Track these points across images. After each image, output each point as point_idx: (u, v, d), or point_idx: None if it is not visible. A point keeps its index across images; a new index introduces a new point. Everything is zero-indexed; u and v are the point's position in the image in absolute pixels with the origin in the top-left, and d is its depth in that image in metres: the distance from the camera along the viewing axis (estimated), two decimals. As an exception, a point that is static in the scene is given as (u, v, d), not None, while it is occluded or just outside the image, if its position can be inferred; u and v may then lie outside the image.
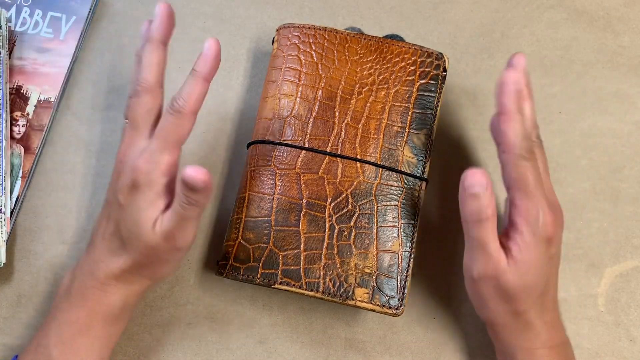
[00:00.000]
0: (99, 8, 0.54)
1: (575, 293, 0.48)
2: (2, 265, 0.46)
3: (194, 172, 0.35)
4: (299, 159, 0.45)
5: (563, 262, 0.48)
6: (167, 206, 0.38)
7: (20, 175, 0.49)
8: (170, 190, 0.38)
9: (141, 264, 0.39)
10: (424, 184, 0.45)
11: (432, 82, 0.46)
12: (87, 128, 0.51)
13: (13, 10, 0.53)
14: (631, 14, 0.55)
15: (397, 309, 0.42)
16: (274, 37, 0.49)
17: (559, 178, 0.51)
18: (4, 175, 0.47)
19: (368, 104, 0.46)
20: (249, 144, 0.47)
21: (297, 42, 0.47)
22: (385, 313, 0.42)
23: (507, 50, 0.54)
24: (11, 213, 0.48)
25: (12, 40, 0.52)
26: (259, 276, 0.43)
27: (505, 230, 0.39)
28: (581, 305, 0.48)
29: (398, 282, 0.42)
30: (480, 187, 0.36)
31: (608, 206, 0.50)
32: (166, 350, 0.47)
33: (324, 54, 0.47)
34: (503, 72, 0.37)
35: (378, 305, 0.42)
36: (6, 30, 0.51)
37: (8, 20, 0.52)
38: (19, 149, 0.49)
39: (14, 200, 0.48)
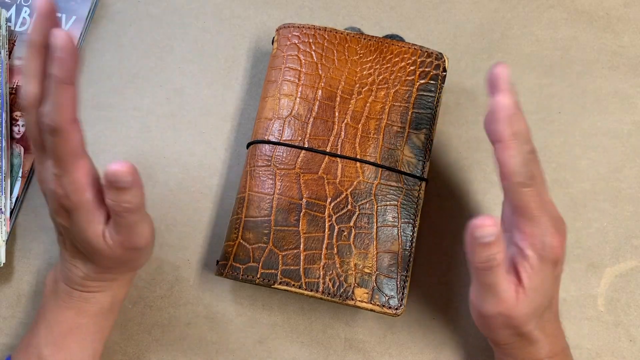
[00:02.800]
0: (99, 8, 0.54)
1: (575, 293, 0.48)
2: (2, 265, 0.46)
3: (117, 165, 0.32)
4: (299, 159, 0.45)
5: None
6: (107, 218, 0.36)
7: (20, 175, 0.49)
8: (101, 202, 0.36)
9: (111, 267, 0.39)
10: (423, 184, 0.45)
11: (431, 82, 0.46)
12: (87, 128, 0.51)
13: (13, 10, 0.53)
14: (631, 14, 0.55)
15: (396, 309, 0.42)
16: (273, 37, 0.49)
17: (558, 178, 0.51)
18: (4, 175, 0.47)
19: (368, 104, 0.46)
20: (249, 144, 0.47)
21: (297, 42, 0.47)
22: (384, 313, 0.42)
23: (507, 51, 0.54)
24: (11, 213, 0.48)
25: (12, 40, 0.52)
26: (258, 276, 0.43)
27: (511, 256, 0.37)
28: (581, 305, 0.48)
29: (398, 282, 0.42)
30: (491, 236, 0.34)
31: (608, 206, 0.50)
32: (166, 350, 0.47)
33: (323, 54, 0.47)
34: (492, 100, 0.34)
35: (378, 305, 0.42)
36: (6, 30, 0.51)
37: (8, 20, 0.52)
38: (19, 149, 0.49)
39: (14, 200, 0.48)
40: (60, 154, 0.33)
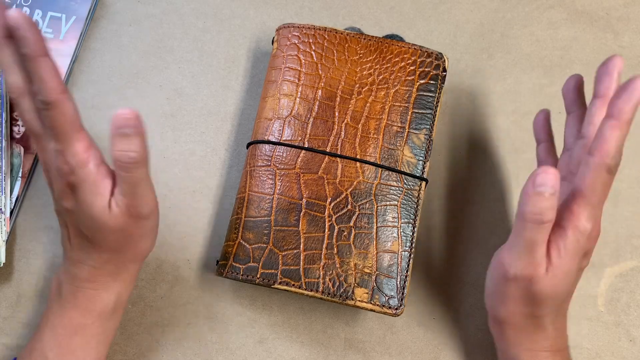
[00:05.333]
0: (99, 8, 0.54)
1: (575, 293, 0.48)
2: (2, 265, 0.46)
3: (123, 110, 0.34)
4: (299, 159, 0.45)
5: (563, 262, 0.48)
6: (112, 189, 0.37)
7: (20, 175, 0.49)
8: (105, 173, 0.36)
9: (117, 250, 0.39)
10: (423, 183, 0.45)
11: (431, 82, 0.46)
12: (87, 128, 0.51)
13: (13, 10, 0.53)
14: (631, 14, 0.55)
15: (396, 309, 0.42)
16: (273, 37, 0.49)
17: (559, 178, 0.51)
18: (3, 175, 0.47)
19: (368, 104, 0.46)
20: (249, 144, 0.47)
21: (296, 42, 0.47)
22: (384, 313, 0.42)
23: (507, 51, 0.54)
24: (11, 213, 0.48)
25: (12, 40, 0.52)
26: (258, 276, 0.43)
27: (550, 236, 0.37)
28: (581, 305, 0.48)
29: (398, 282, 0.42)
30: (551, 189, 0.33)
31: (608, 206, 0.50)
32: (166, 350, 0.47)
33: (323, 54, 0.47)
34: (631, 80, 0.34)
35: (377, 305, 0.42)
36: (6, 30, 0.51)
37: (8, 20, 0.52)
38: (19, 149, 0.49)
39: (13, 200, 0.48)
40: (60, 127, 0.35)
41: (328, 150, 0.45)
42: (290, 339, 0.47)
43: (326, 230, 0.43)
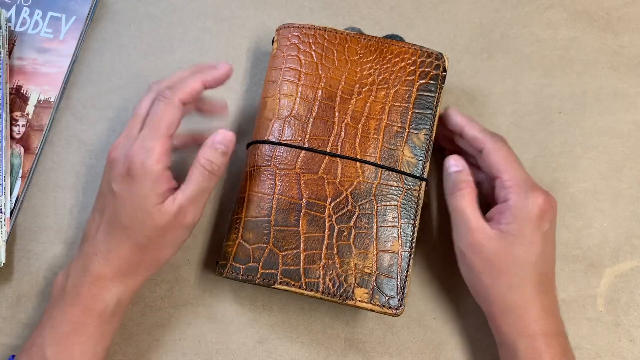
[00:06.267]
0: (99, 8, 0.54)
1: (575, 293, 0.48)
2: (2, 265, 0.46)
3: (227, 133, 0.40)
4: (299, 159, 0.45)
5: (562, 262, 0.48)
6: (167, 191, 0.40)
7: (20, 175, 0.49)
8: (167, 178, 0.40)
9: (143, 247, 0.40)
10: (423, 184, 0.45)
11: (431, 82, 0.46)
12: (87, 128, 0.51)
13: (13, 10, 0.53)
14: (631, 14, 0.55)
15: (396, 309, 0.42)
16: (273, 37, 0.49)
17: (559, 178, 0.51)
18: (3, 175, 0.47)
19: (368, 104, 0.46)
20: (249, 144, 0.47)
21: (296, 42, 0.47)
22: (385, 313, 0.42)
23: (507, 51, 0.54)
24: (11, 213, 0.48)
25: (12, 40, 0.52)
26: (258, 276, 0.43)
27: (497, 207, 0.42)
28: (580, 305, 0.48)
29: (398, 282, 0.42)
30: (456, 167, 0.43)
31: (608, 206, 0.50)
32: (166, 351, 0.47)
33: (323, 54, 0.47)
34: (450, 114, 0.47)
35: (378, 305, 0.42)
36: (6, 30, 0.51)
37: (8, 20, 0.52)
38: (19, 149, 0.49)
39: (13, 200, 0.48)
40: (162, 122, 0.40)
41: (328, 150, 0.45)
42: (290, 339, 0.47)
43: (326, 230, 0.43)
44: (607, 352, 0.47)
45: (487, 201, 0.45)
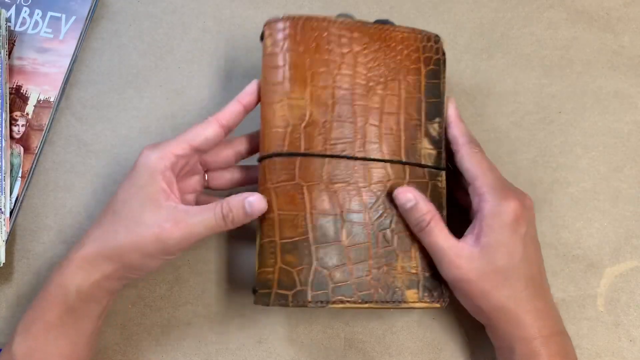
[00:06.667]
0: (99, 8, 0.54)
1: (575, 293, 0.48)
2: (2, 265, 0.46)
3: (260, 200, 0.40)
4: (325, 168, 0.42)
5: (563, 262, 0.48)
6: (163, 192, 0.40)
7: (19, 175, 0.49)
8: (165, 177, 0.40)
9: (123, 246, 0.39)
10: (444, 173, 0.43)
11: (435, 67, 0.44)
12: (86, 128, 0.51)
13: (13, 10, 0.52)
14: (631, 14, 0.55)
15: (444, 300, 0.42)
16: (262, 33, 0.45)
17: (559, 178, 0.51)
18: (3, 175, 0.47)
19: (384, 99, 0.43)
20: (262, 158, 0.42)
21: (294, 35, 0.43)
22: (433, 307, 0.42)
23: (507, 51, 0.54)
24: (11, 213, 0.48)
25: (11, 40, 0.52)
26: (309, 299, 0.40)
27: (474, 221, 0.41)
28: (580, 305, 0.48)
29: (437, 275, 0.42)
30: (411, 202, 0.41)
31: (608, 206, 0.50)
32: (166, 351, 0.47)
33: (328, 47, 0.43)
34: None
35: (427, 302, 0.41)
36: (6, 30, 0.51)
37: (8, 20, 0.52)
38: (19, 149, 0.49)
39: (13, 200, 0.48)
40: (190, 132, 0.42)
41: (354, 154, 0.42)
42: (290, 339, 0.47)
43: (369, 239, 0.41)
44: (607, 352, 0.47)
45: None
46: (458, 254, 0.40)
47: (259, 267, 0.41)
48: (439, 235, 0.40)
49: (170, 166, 0.40)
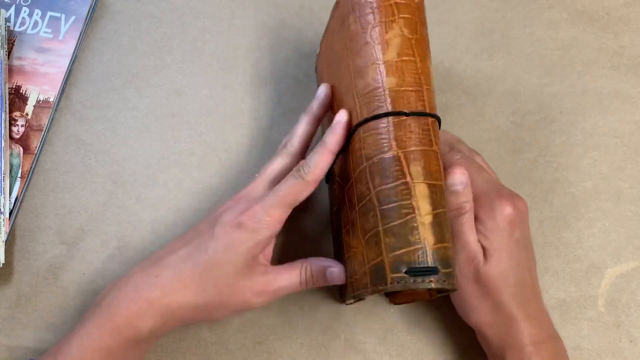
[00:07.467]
0: (99, 8, 0.54)
1: (576, 294, 0.48)
2: (2, 265, 0.46)
3: (339, 274, 0.40)
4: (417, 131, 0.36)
5: (563, 262, 0.48)
6: (258, 258, 0.40)
7: (19, 175, 0.49)
8: (267, 245, 0.41)
9: (209, 303, 0.39)
10: None
11: None
12: (86, 128, 0.51)
13: (12, 10, 0.52)
14: (631, 14, 0.55)
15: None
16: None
17: (560, 178, 0.50)
18: (3, 175, 0.47)
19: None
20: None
21: (383, 8, 0.38)
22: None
23: (507, 51, 0.54)
24: (10, 213, 0.48)
25: (11, 40, 0.52)
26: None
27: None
28: (581, 306, 0.48)
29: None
30: (460, 185, 0.39)
31: (609, 206, 0.50)
32: (165, 351, 0.46)
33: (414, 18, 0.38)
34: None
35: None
36: (5, 30, 0.51)
37: (7, 20, 0.52)
38: (18, 149, 0.49)
39: (13, 200, 0.48)
40: (290, 196, 0.40)
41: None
42: (290, 340, 0.47)
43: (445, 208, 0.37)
44: (608, 353, 0.47)
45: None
46: (477, 250, 0.40)
47: (435, 242, 0.34)
48: (469, 226, 0.40)
49: (275, 234, 0.40)
